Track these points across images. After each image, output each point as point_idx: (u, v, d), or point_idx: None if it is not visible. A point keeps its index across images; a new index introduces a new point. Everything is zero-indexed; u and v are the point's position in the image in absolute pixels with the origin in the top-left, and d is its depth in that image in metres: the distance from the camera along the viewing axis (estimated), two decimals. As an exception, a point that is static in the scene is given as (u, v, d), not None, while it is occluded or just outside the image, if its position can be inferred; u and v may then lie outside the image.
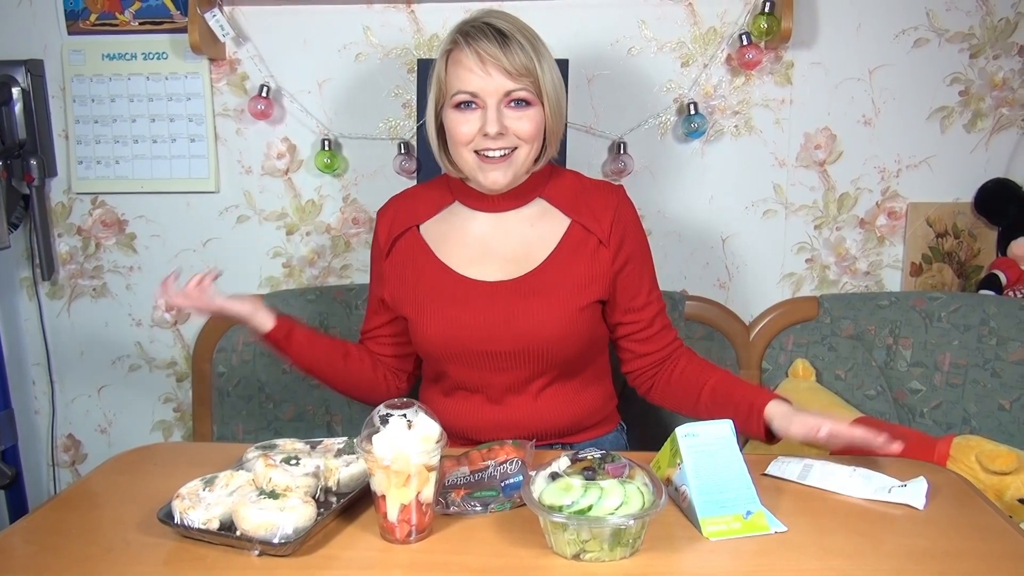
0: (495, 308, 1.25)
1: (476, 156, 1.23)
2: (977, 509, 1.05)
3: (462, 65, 1.19)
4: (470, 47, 1.18)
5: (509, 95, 1.20)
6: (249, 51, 1.90)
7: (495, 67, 1.18)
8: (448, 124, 1.24)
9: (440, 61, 1.24)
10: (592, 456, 0.97)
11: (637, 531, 0.92)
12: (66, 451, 2.14)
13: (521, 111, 1.21)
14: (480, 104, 1.20)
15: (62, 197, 2.01)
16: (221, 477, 1.01)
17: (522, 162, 1.24)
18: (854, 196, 1.88)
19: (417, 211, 1.35)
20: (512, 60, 1.18)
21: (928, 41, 1.80)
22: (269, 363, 1.89)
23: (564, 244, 1.28)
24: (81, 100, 1.94)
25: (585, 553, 0.91)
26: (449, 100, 1.22)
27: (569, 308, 1.25)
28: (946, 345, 1.72)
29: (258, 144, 1.95)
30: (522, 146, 1.23)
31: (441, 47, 1.24)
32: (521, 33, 1.20)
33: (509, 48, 1.18)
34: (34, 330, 2.07)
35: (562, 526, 0.90)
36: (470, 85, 1.19)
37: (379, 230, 1.37)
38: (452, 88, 1.21)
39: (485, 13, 1.24)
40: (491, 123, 1.19)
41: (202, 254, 2.01)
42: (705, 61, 1.83)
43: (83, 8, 1.91)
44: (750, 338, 1.84)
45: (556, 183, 1.33)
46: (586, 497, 0.90)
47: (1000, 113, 1.82)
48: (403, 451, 0.94)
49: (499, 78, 1.18)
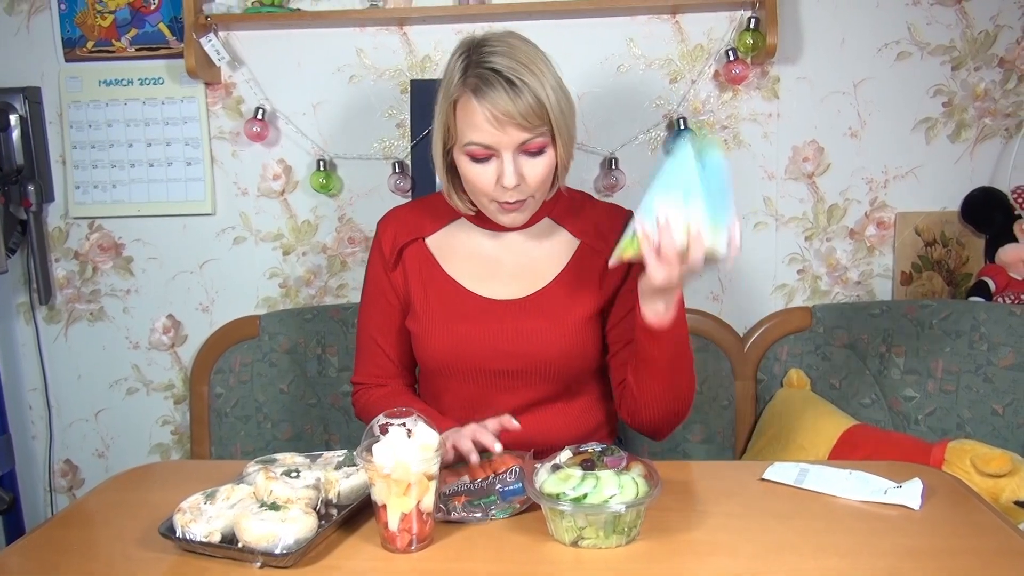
0: (503, 326, 1.25)
1: (495, 204, 1.22)
2: (971, 508, 1.06)
3: (474, 118, 1.14)
4: (481, 103, 1.13)
5: (525, 144, 1.16)
6: (244, 75, 1.93)
7: (509, 123, 1.13)
8: (463, 170, 1.20)
9: (446, 104, 1.18)
10: (592, 449, 1.03)
11: (632, 519, 0.96)
12: (63, 476, 2.13)
13: (534, 159, 1.17)
14: (495, 154, 1.16)
15: (59, 222, 2.02)
16: (222, 491, 1.02)
17: (538, 203, 1.24)
18: (843, 207, 1.91)
19: (422, 223, 1.33)
20: (525, 112, 1.12)
21: (910, 54, 1.84)
22: (266, 383, 1.89)
23: (573, 265, 1.28)
24: (78, 126, 1.97)
25: (583, 540, 0.97)
26: (461, 145, 1.18)
27: (577, 329, 1.25)
28: (938, 352, 1.74)
29: (254, 166, 1.97)
30: (536, 194, 1.21)
31: (445, 88, 1.18)
32: (526, 67, 1.14)
33: (520, 97, 1.12)
34: (31, 355, 2.07)
35: (560, 513, 0.96)
36: (484, 138, 1.14)
37: (382, 239, 1.33)
38: (464, 137, 1.16)
39: (485, 48, 1.16)
40: (508, 176, 1.15)
41: (199, 276, 2.02)
42: (693, 77, 1.87)
43: (80, 36, 1.94)
44: (744, 349, 1.85)
45: (565, 204, 1.32)
46: (583, 486, 0.96)
47: (983, 123, 1.86)
48: (403, 460, 0.95)
49: (514, 132, 1.14)
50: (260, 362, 1.91)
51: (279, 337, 1.91)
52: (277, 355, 1.91)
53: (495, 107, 1.12)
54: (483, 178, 1.18)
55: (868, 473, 1.12)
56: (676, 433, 1.82)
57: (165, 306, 2.04)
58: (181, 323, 2.05)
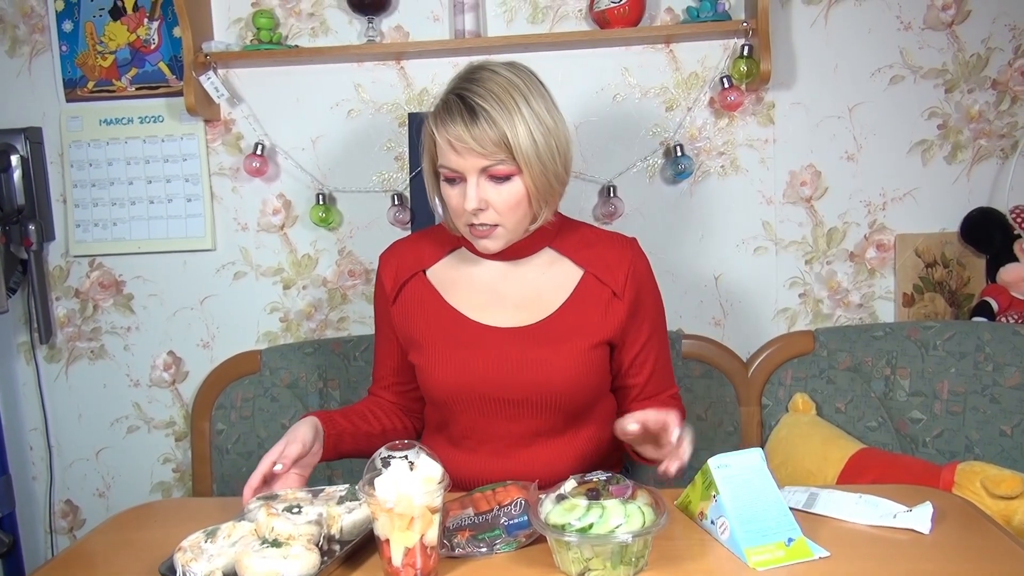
0: (508, 355, 1.24)
1: (467, 228, 1.23)
2: (984, 532, 1.04)
3: (439, 142, 1.19)
4: (438, 130, 1.18)
5: (486, 170, 1.18)
6: (243, 111, 1.95)
7: (464, 149, 1.16)
8: (444, 194, 1.24)
9: (428, 133, 1.23)
10: (597, 479, 1.01)
11: (640, 549, 0.95)
12: (64, 517, 2.11)
13: (500, 185, 1.18)
14: (461, 179, 1.20)
15: (60, 260, 2.03)
16: (223, 528, 1.00)
17: (510, 232, 1.23)
18: (842, 230, 1.91)
19: (422, 256, 1.34)
20: (481, 140, 1.15)
21: (903, 78, 1.85)
22: (268, 418, 1.88)
23: (578, 294, 1.28)
24: (79, 165, 1.98)
25: (589, 572, 0.94)
26: (440, 172, 1.23)
27: (581, 358, 1.25)
28: (943, 373, 1.73)
29: (254, 201, 1.98)
30: (505, 222, 1.21)
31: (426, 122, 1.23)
32: (496, 97, 1.16)
33: (477, 125, 1.15)
34: (32, 395, 2.06)
35: (566, 544, 0.94)
36: (450, 163, 1.19)
37: (383, 276, 1.35)
38: (439, 160, 1.21)
39: (465, 76, 1.21)
40: (470, 200, 1.18)
41: (199, 312, 2.02)
42: (689, 105, 1.88)
43: (81, 76, 1.96)
44: (748, 374, 1.84)
45: (566, 235, 1.32)
46: (588, 516, 0.94)
47: (979, 144, 1.87)
48: (406, 493, 0.93)
49: (471, 158, 1.16)
50: (262, 397, 1.90)
51: (280, 372, 1.90)
52: (278, 390, 1.90)
53: (449, 134, 1.16)
54: (454, 201, 1.21)
55: (878, 497, 1.11)
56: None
57: (166, 343, 2.04)
58: (182, 359, 2.04)
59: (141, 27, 1.94)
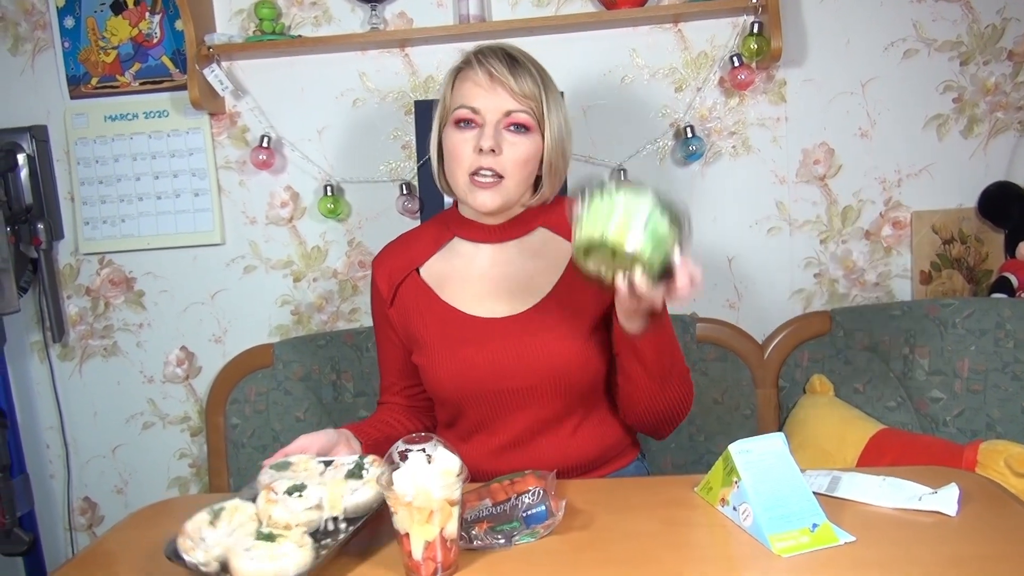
0: (506, 344, 1.24)
1: (468, 179, 1.23)
2: (1011, 512, 1.02)
3: (469, 80, 1.21)
4: (481, 65, 1.21)
5: (510, 115, 1.20)
6: (248, 103, 1.93)
7: (501, 85, 1.19)
8: (446, 142, 1.24)
9: (447, 80, 1.25)
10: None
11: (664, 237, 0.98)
12: (83, 514, 2.12)
13: (518, 136, 1.21)
14: (479, 122, 1.21)
15: (70, 259, 2.02)
16: (228, 508, 0.99)
17: (512, 190, 1.23)
18: (857, 208, 1.88)
19: (413, 255, 1.34)
20: (519, 83, 1.20)
21: (917, 51, 1.82)
22: (282, 411, 1.88)
23: (570, 271, 1.27)
24: (85, 162, 1.97)
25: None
26: (451, 117, 1.22)
27: (580, 335, 1.24)
28: (963, 351, 1.71)
29: (261, 194, 1.97)
30: (510, 175, 1.22)
31: (450, 68, 1.26)
32: (533, 64, 1.23)
33: (518, 72, 1.20)
34: (46, 393, 2.07)
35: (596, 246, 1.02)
36: (474, 100, 1.20)
37: (378, 281, 1.34)
38: (455, 103, 1.22)
39: (493, 44, 1.26)
40: (486, 138, 1.19)
41: (211, 306, 2.02)
42: (698, 85, 1.85)
43: (84, 72, 1.95)
44: (764, 357, 1.82)
45: (559, 212, 1.32)
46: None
47: (995, 117, 1.83)
48: (424, 487, 0.92)
49: (503, 96, 1.20)
50: (275, 391, 1.90)
51: (293, 365, 1.90)
52: (292, 383, 1.89)
53: (492, 67, 1.20)
54: (463, 146, 1.21)
55: (901, 479, 1.09)
56: (699, 445, 1.80)
57: (178, 338, 2.03)
58: (195, 355, 2.04)
59: (143, 21, 1.92)
